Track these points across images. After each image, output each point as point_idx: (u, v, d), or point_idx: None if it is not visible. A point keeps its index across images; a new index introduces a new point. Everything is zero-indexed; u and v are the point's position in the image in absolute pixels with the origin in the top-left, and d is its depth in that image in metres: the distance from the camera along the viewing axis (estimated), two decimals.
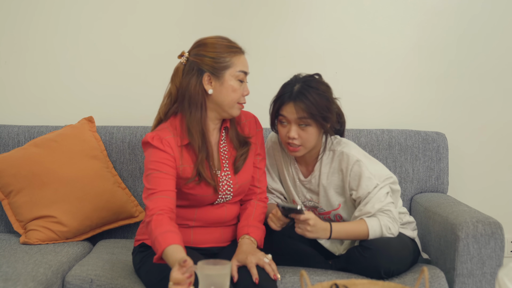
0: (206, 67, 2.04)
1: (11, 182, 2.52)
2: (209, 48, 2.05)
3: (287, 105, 2.13)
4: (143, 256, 2.12)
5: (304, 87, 2.13)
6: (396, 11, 2.87)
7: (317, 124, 2.13)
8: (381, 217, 2.13)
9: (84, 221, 2.52)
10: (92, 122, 2.71)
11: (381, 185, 2.17)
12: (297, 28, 2.87)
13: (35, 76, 2.87)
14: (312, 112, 2.10)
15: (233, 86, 2.05)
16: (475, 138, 2.91)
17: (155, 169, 2.00)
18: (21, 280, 1.97)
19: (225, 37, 2.10)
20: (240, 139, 2.17)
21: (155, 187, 1.98)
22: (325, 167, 2.23)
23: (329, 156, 2.23)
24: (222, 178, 2.12)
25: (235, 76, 2.05)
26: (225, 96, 2.05)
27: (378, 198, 2.14)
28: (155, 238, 1.86)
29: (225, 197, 2.13)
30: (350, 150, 2.19)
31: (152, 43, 2.87)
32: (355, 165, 2.16)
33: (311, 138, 2.15)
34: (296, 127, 2.13)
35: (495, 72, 2.89)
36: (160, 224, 1.89)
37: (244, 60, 2.09)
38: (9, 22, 2.85)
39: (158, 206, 1.94)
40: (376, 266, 2.08)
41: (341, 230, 2.12)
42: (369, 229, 2.11)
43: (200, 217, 2.12)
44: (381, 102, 2.89)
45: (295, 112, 2.11)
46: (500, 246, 2.18)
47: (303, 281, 1.45)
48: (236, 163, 2.13)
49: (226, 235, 2.18)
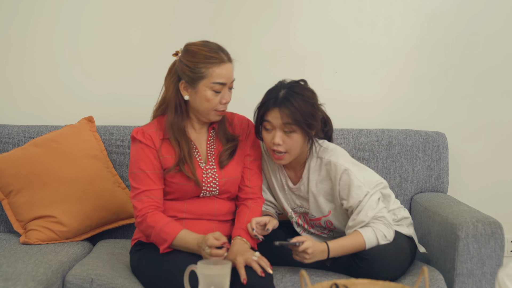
0: (183, 75, 2.09)
1: (11, 182, 2.52)
2: (188, 57, 2.09)
3: (272, 111, 2.11)
4: (140, 255, 2.15)
5: (289, 93, 2.11)
6: (396, 11, 2.87)
7: (302, 131, 2.11)
8: (376, 226, 2.11)
9: (84, 221, 2.52)
10: (92, 122, 2.71)
11: (372, 192, 2.15)
12: (296, 29, 2.87)
13: (35, 76, 2.87)
14: (297, 118, 2.08)
15: (206, 96, 2.08)
16: (475, 138, 2.91)
17: (139, 168, 2.12)
18: (21, 279, 1.97)
19: (210, 44, 2.11)
20: (228, 137, 2.21)
21: (140, 186, 2.11)
22: (313, 174, 2.21)
23: (316, 163, 2.20)
24: (207, 171, 2.16)
25: (209, 87, 2.08)
26: (199, 104, 2.11)
27: (370, 205, 2.12)
28: (160, 230, 2.03)
29: (211, 190, 2.16)
30: (337, 159, 2.16)
31: (152, 42, 2.87)
32: (343, 175, 2.14)
33: (296, 145, 2.13)
34: (281, 133, 2.11)
35: (495, 72, 2.89)
36: (159, 218, 2.07)
37: (226, 70, 2.08)
38: (8, 22, 2.85)
39: (147, 205, 2.09)
40: (373, 276, 2.05)
41: (338, 247, 2.09)
42: (365, 240, 2.09)
43: (190, 209, 2.16)
44: (381, 102, 2.89)
45: (280, 118, 2.09)
46: (500, 245, 2.18)
47: (303, 281, 1.45)
48: (221, 157, 2.18)
49: (220, 230, 2.18)
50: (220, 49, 2.10)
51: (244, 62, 2.83)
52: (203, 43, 2.11)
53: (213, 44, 2.12)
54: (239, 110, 2.32)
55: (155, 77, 2.39)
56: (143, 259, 2.12)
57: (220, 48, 2.11)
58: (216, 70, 2.07)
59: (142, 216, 2.08)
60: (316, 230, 2.30)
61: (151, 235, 2.07)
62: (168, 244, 2.03)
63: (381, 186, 2.23)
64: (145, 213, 2.08)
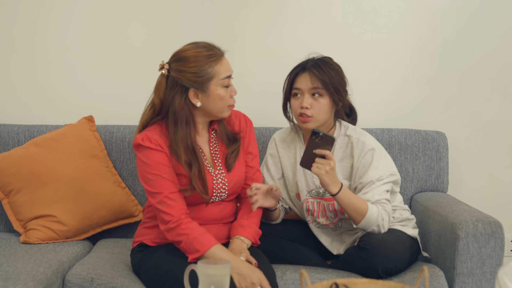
0: (190, 83, 2.03)
1: (11, 181, 2.52)
2: (189, 63, 2.03)
3: (300, 76, 2.21)
4: (143, 256, 2.13)
5: (319, 61, 2.23)
6: (396, 10, 2.87)
7: (329, 96, 2.19)
8: (379, 207, 2.15)
9: (84, 221, 2.52)
10: (92, 121, 2.71)
11: (385, 180, 2.18)
12: (296, 28, 2.87)
13: (35, 75, 2.87)
14: (325, 80, 2.17)
15: (220, 94, 2.05)
16: (475, 137, 2.91)
17: (155, 174, 2.04)
18: (21, 279, 1.97)
19: (202, 44, 2.07)
20: (230, 136, 2.18)
21: (161, 190, 2.03)
22: (338, 150, 2.25)
23: (343, 140, 2.25)
24: (217, 177, 2.12)
25: (220, 84, 2.05)
26: (213, 105, 2.06)
27: (378, 191, 2.16)
28: (194, 239, 1.99)
29: (220, 195, 2.14)
30: (366, 139, 2.23)
31: (152, 42, 2.87)
32: (368, 153, 2.19)
33: (323, 110, 2.19)
34: (309, 96, 2.19)
35: (495, 71, 2.89)
36: (194, 227, 2.02)
37: (226, 63, 2.07)
38: (9, 21, 2.85)
39: (178, 212, 2.03)
40: (374, 266, 2.08)
41: (347, 194, 2.11)
42: (368, 210, 2.11)
43: (198, 215, 2.13)
44: (381, 101, 2.89)
45: (310, 81, 2.18)
46: (500, 245, 2.19)
47: (303, 281, 1.45)
48: (228, 160, 2.15)
49: (224, 232, 2.19)
50: (211, 45, 2.08)
51: (246, 60, 2.85)
52: (193, 46, 2.06)
53: (202, 43, 2.08)
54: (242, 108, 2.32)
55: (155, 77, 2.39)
56: (146, 260, 2.10)
57: (210, 44, 2.08)
58: (220, 65, 2.05)
59: (176, 222, 2.01)
60: (325, 220, 2.30)
61: (181, 242, 2.01)
62: (200, 254, 1.98)
63: (395, 178, 2.24)
64: (178, 219, 2.01)
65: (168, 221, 2.02)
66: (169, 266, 2.03)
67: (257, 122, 2.49)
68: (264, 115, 2.81)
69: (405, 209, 2.35)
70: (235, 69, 2.14)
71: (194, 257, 1.99)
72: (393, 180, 2.24)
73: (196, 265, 1.62)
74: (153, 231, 2.15)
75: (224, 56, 2.08)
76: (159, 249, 2.11)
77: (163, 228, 2.05)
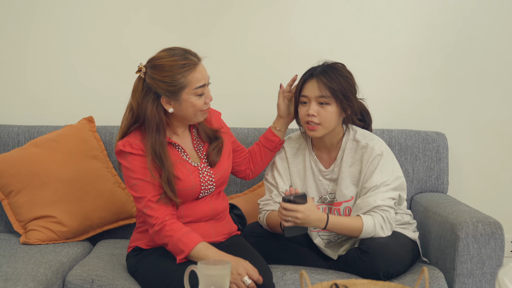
0: (162, 91, 2.03)
1: (11, 182, 2.52)
2: (163, 72, 2.02)
3: (308, 82, 2.18)
4: (138, 259, 2.14)
5: (328, 67, 2.19)
6: (395, 10, 2.87)
7: (336, 104, 2.16)
8: (376, 216, 2.12)
9: (84, 221, 2.52)
10: (92, 122, 2.71)
11: (390, 185, 2.16)
12: (295, 28, 2.87)
13: (35, 76, 2.87)
14: (333, 87, 2.14)
15: (191, 102, 2.05)
16: (475, 138, 2.91)
17: (138, 178, 2.06)
18: (21, 280, 1.98)
19: (179, 51, 2.05)
20: (210, 134, 2.20)
21: (144, 194, 2.05)
22: (347, 155, 2.24)
23: (352, 146, 2.24)
24: (202, 170, 2.14)
25: (192, 93, 2.04)
26: (185, 112, 2.07)
27: (382, 196, 2.14)
28: (178, 240, 1.99)
29: (209, 189, 2.15)
30: (375, 144, 2.20)
31: (152, 43, 2.86)
32: (375, 159, 2.17)
33: (331, 118, 2.16)
34: (316, 104, 2.16)
35: (495, 72, 2.89)
36: (177, 228, 2.02)
37: (200, 72, 2.05)
38: (9, 22, 2.85)
39: (162, 213, 2.04)
40: (375, 269, 2.08)
41: (337, 222, 2.10)
42: (363, 226, 2.10)
43: (188, 213, 2.13)
44: (381, 102, 2.89)
45: (317, 89, 2.15)
46: (500, 246, 2.19)
47: (303, 281, 1.45)
48: (209, 157, 2.16)
49: (218, 229, 2.19)
50: (187, 53, 2.05)
51: (243, 62, 2.85)
52: (169, 53, 2.05)
53: (178, 50, 2.06)
54: (239, 108, 2.32)
55: None
56: (141, 263, 2.11)
57: (186, 51, 2.06)
58: (194, 75, 2.03)
59: (160, 224, 2.02)
60: None
61: (168, 244, 2.02)
62: (185, 255, 1.98)
63: (399, 181, 2.22)
64: (163, 221, 2.02)
65: (153, 224, 2.04)
66: (164, 267, 2.03)
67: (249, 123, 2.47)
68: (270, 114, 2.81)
69: (407, 213, 2.35)
70: (228, 70, 2.13)
71: (181, 258, 2.00)
72: (398, 184, 2.22)
73: (196, 265, 1.62)
74: (146, 235, 2.15)
75: (201, 63, 2.06)
76: (153, 252, 2.12)
77: (151, 232, 2.06)
